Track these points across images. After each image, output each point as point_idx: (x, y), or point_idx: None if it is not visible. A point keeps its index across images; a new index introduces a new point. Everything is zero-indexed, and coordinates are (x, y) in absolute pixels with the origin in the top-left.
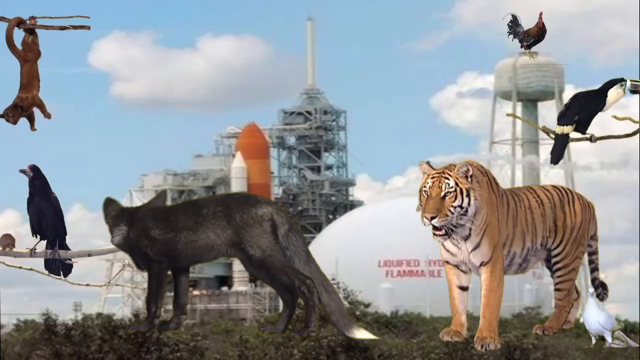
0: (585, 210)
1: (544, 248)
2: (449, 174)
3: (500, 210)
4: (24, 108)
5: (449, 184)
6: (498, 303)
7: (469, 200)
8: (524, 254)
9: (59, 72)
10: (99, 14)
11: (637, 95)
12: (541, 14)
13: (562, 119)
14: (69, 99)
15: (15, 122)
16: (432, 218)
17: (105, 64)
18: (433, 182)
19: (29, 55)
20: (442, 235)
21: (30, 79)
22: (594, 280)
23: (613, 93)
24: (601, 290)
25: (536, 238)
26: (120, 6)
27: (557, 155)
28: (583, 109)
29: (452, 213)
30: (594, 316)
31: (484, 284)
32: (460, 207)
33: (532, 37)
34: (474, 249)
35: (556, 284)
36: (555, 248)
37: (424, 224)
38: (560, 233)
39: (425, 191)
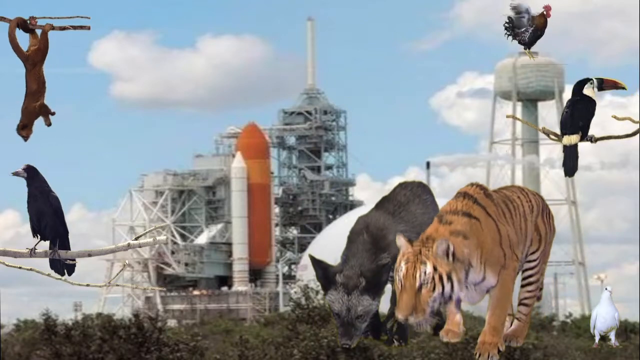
0: (552, 220)
1: (524, 259)
2: (426, 256)
3: (500, 224)
4: (30, 124)
5: (425, 272)
6: (505, 312)
7: (451, 285)
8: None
9: (59, 72)
10: (99, 14)
11: (637, 96)
12: (549, 6)
13: (567, 127)
14: (69, 99)
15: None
16: (407, 318)
17: (105, 64)
18: (407, 269)
19: (37, 56)
20: (421, 327)
21: (40, 85)
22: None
23: (589, 93)
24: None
25: (524, 247)
26: (120, 6)
27: (569, 166)
28: (584, 114)
29: (432, 305)
30: (610, 312)
31: (491, 297)
32: (442, 294)
33: (537, 28)
34: (478, 283)
35: (524, 299)
36: (531, 261)
37: (400, 321)
38: (539, 244)
39: (399, 279)
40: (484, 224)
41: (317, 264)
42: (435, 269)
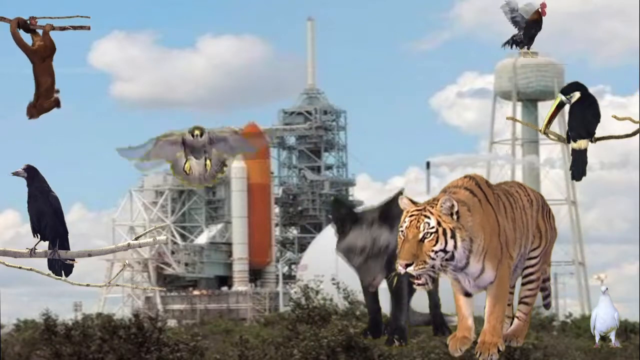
0: (552, 220)
1: (526, 255)
2: (430, 211)
3: (499, 216)
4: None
5: (429, 224)
6: (504, 310)
7: (455, 242)
8: (516, 262)
9: (59, 72)
10: (99, 14)
11: (637, 96)
12: (544, 4)
13: (591, 129)
14: (69, 99)
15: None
16: (408, 265)
17: (105, 64)
18: (411, 222)
19: (45, 52)
20: (421, 284)
21: (53, 81)
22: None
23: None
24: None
25: (527, 241)
26: (120, 6)
27: (578, 170)
28: (598, 118)
29: (433, 259)
30: (610, 312)
31: (489, 295)
32: (444, 251)
33: (531, 24)
34: (478, 276)
35: (524, 297)
36: (532, 258)
37: (400, 272)
38: (540, 241)
39: (402, 232)
40: (484, 207)
41: (342, 204)
42: (439, 224)
